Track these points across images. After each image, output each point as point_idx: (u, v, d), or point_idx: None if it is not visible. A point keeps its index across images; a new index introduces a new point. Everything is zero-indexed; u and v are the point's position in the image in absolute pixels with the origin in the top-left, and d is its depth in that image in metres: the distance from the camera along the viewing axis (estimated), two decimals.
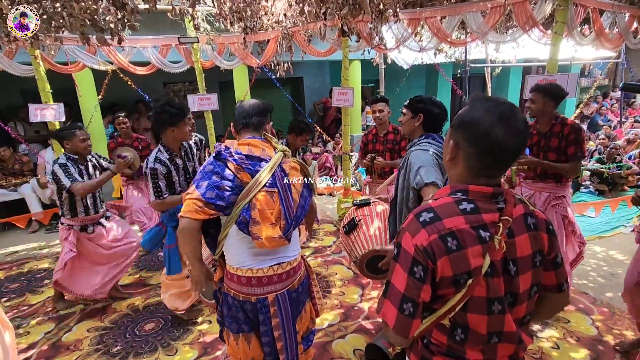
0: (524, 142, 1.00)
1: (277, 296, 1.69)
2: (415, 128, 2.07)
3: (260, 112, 1.75)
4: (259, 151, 1.67)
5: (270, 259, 1.68)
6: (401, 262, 1.00)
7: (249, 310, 1.69)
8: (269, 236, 1.57)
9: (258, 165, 1.63)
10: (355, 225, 2.05)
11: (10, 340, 1.79)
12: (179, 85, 8.97)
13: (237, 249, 1.66)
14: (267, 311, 1.68)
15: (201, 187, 1.55)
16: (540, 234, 1.04)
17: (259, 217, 1.58)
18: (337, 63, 7.05)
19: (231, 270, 1.70)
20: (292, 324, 1.75)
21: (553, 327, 2.76)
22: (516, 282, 1.01)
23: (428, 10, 4.18)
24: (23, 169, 5.54)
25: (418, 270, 0.98)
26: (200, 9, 4.83)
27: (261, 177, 1.60)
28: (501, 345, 1.03)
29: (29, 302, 3.48)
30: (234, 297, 1.70)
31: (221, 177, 1.57)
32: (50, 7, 3.32)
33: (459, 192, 1.03)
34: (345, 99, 4.81)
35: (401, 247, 1.01)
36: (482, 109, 0.99)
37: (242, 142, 1.69)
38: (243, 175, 1.60)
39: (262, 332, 1.71)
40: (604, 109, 9.89)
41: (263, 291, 1.67)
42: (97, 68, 4.89)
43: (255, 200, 1.59)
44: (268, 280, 1.68)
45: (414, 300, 0.98)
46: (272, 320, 1.69)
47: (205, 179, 1.57)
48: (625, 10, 4.22)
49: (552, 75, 3.34)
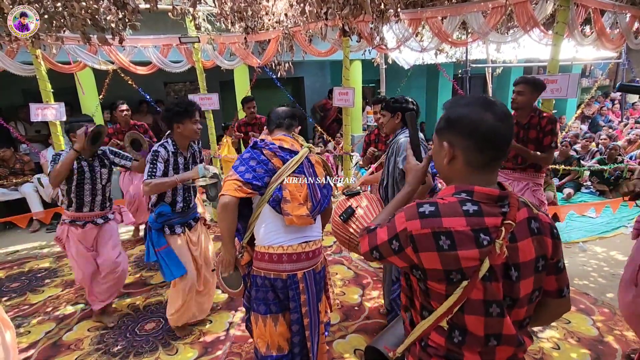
0: (512, 125, 1.02)
1: (305, 274, 1.87)
2: (396, 125, 2.46)
3: (291, 116, 2.04)
4: (289, 145, 1.91)
5: (299, 237, 1.87)
6: (389, 227, 1.07)
7: (280, 287, 1.85)
8: (298, 214, 1.79)
9: (289, 155, 1.88)
10: (353, 211, 2.10)
11: (10, 339, 1.79)
12: (180, 84, 8.97)
13: (269, 227, 1.84)
14: (296, 287, 1.85)
15: (240, 170, 1.79)
16: (544, 238, 1.02)
17: (289, 196, 1.80)
18: (338, 63, 7.06)
19: (262, 250, 1.85)
20: (316, 303, 1.93)
21: (554, 328, 2.76)
22: (517, 287, 0.99)
23: (429, 11, 4.18)
24: (24, 169, 5.54)
25: (395, 244, 1.04)
26: (201, 8, 4.84)
27: (291, 163, 1.84)
28: (500, 347, 1.02)
29: (29, 301, 3.49)
30: (265, 277, 1.85)
31: (257, 161, 1.82)
32: (51, 6, 3.32)
33: (464, 193, 1.01)
34: (346, 99, 4.81)
35: (394, 219, 1.06)
36: (463, 105, 1.03)
37: (274, 138, 1.95)
38: (276, 161, 1.84)
39: (291, 309, 1.87)
40: (605, 109, 9.89)
41: (293, 267, 1.84)
42: (98, 68, 4.89)
43: (285, 183, 1.82)
44: (297, 257, 1.85)
45: (382, 254, 1.09)
46: (301, 296, 1.85)
47: (243, 164, 1.81)
48: (626, 11, 4.21)
49: (553, 76, 3.34)
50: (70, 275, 3.94)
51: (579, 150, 6.84)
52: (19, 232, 5.33)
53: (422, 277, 1.02)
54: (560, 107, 10.60)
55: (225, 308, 3.21)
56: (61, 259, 4.37)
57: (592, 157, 6.56)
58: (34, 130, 6.40)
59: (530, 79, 2.96)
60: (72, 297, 3.51)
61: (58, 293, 3.60)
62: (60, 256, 4.46)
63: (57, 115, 4.49)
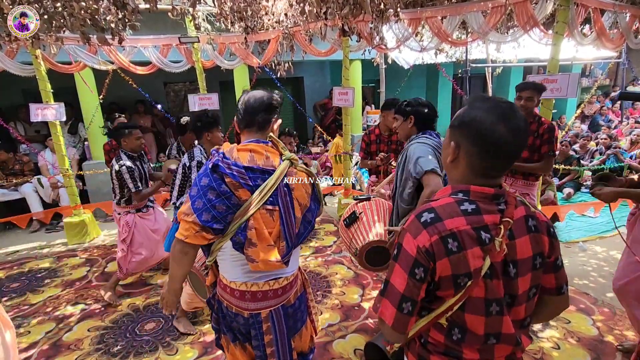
0: (525, 140, 1.00)
1: (271, 312, 1.56)
2: (410, 130, 2.23)
3: (266, 107, 1.54)
4: (262, 160, 1.48)
5: (266, 275, 1.55)
6: (401, 263, 1.00)
7: (242, 324, 1.58)
8: (266, 259, 1.44)
9: (260, 179, 1.46)
10: (356, 218, 2.10)
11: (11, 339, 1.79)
12: (180, 84, 8.98)
13: (231, 264, 1.54)
14: (259, 327, 1.56)
15: (197, 208, 1.39)
16: (541, 236, 1.04)
17: (255, 238, 1.44)
18: (337, 63, 7.05)
19: (224, 282, 1.58)
20: (286, 340, 1.62)
21: (554, 328, 2.75)
22: (515, 284, 1.01)
23: (429, 10, 4.17)
24: (23, 169, 5.54)
25: (419, 272, 0.98)
26: (200, 8, 4.83)
27: (262, 193, 1.44)
28: (498, 346, 1.03)
29: (29, 301, 3.48)
30: (227, 308, 1.59)
31: (217, 193, 1.40)
32: (51, 6, 3.32)
33: (460, 193, 1.02)
34: (345, 99, 4.81)
35: (402, 247, 1.01)
36: (482, 109, 0.99)
37: (242, 148, 1.49)
38: (241, 193, 1.43)
39: (254, 347, 1.59)
40: (605, 109, 9.89)
41: (257, 306, 1.55)
42: (97, 68, 4.89)
43: (252, 220, 1.43)
44: (263, 296, 1.55)
45: (413, 299, 0.99)
46: (265, 336, 1.56)
47: (201, 197, 1.40)
48: (626, 10, 4.21)
49: (553, 75, 3.33)
50: (71, 275, 3.94)
51: (578, 150, 6.84)
52: (19, 233, 5.33)
53: (433, 288, 1.02)
54: (560, 106, 10.60)
55: None
56: (61, 259, 4.37)
57: (592, 156, 6.56)
58: (34, 130, 6.40)
59: (536, 85, 2.92)
60: (72, 297, 3.51)
61: (58, 293, 3.60)
62: (60, 256, 4.46)
63: (57, 115, 4.49)
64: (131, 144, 3.23)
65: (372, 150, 3.68)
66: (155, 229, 3.48)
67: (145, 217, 3.44)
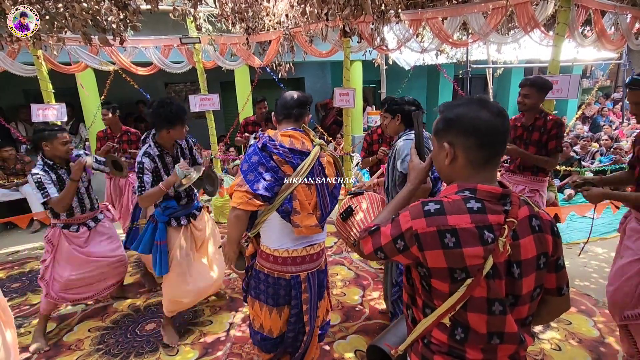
0: (507, 121, 1.04)
1: (309, 274, 1.90)
2: (398, 127, 2.40)
3: (301, 104, 1.87)
4: (299, 144, 1.79)
5: (305, 241, 1.87)
6: (393, 227, 1.06)
7: (283, 286, 1.87)
8: (308, 225, 1.76)
9: (299, 159, 1.77)
10: (352, 211, 2.12)
11: (11, 339, 1.79)
12: (181, 85, 9.00)
13: (276, 233, 1.83)
14: (299, 287, 1.88)
15: (249, 178, 1.70)
16: (545, 236, 1.04)
17: (299, 207, 1.75)
18: (338, 64, 7.07)
19: (267, 251, 1.86)
20: (316, 301, 1.96)
21: (555, 329, 2.75)
22: (519, 285, 1.00)
23: (430, 11, 4.18)
24: (25, 169, 5.55)
25: (400, 244, 1.04)
26: (202, 9, 4.85)
27: (303, 169, 1.75)
28: (502, 345, 1.03)
29: (30, 301, 3.49)
30: (268, 274, 1.87)
31: (267, 168, 1.71)
32: (52, 7, 3.33)
33: (467, 191, 1.03)
34: (346, 99, 4.82)
35: (398, 218, 1.06)
36: (460, 106, 1.05)
37: (284, 134, 1.80)
38: (286, 168, 1.74)
39: (292, 305, 1.90)
40: (606, 110, 9.88)
41: (297, 269, 1.87)
42: (99, 68, 4.90)
43: (295, 192, 1.75)
44: (302, 260, 1.87)
45: (386, 254, 1.09)
46: (303, 294, 1.89)
47: (252, 171, 1.71)
48: (627, 12, 4.21)
49: (553, 77, 3.33)
50: None
51: (578, 151, 6.84)
52: (19, 233, 5.34)
53: (426, 274, 1.04)
54: (560, 108, 10.59)
55: (226, 309, 3.20)
56: None
57: (593, 157, 6.55)
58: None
59: (536, 81, 2.88)
60: None
61: None
62: None
63: (58, 115, 4.50)
64: (54, 150, 2.61)
65: (374, 150, 3.71)
66: (91, 252, 2.88)
67: (73, 237, 2.84)
